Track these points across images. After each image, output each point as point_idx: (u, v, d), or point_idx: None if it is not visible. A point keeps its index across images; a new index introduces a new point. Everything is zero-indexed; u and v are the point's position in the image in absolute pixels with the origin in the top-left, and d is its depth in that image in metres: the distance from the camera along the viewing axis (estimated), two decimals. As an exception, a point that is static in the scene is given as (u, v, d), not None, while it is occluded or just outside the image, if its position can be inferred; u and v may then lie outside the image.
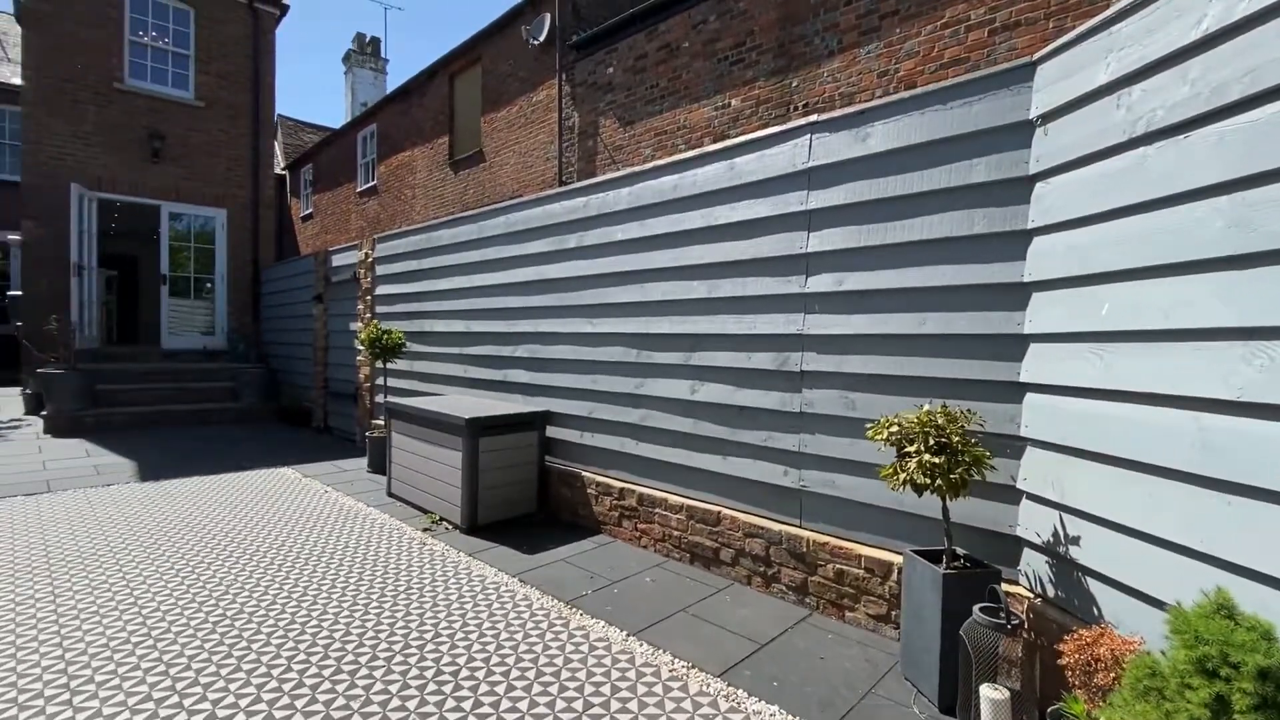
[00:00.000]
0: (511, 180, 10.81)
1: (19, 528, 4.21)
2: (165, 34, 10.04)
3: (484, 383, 5.45)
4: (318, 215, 18.33)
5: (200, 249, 10.55)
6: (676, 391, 3.84)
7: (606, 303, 4.31)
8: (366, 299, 7.24)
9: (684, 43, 7.92)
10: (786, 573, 3.31)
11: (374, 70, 20.93)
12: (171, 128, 10.03)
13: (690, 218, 3.77)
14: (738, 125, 7.32)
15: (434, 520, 4.49)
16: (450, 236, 5.88)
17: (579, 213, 4.52)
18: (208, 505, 4.84)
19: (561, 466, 4.65)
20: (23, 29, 9.19)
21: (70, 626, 2.85)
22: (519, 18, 10.30)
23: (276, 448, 7.31)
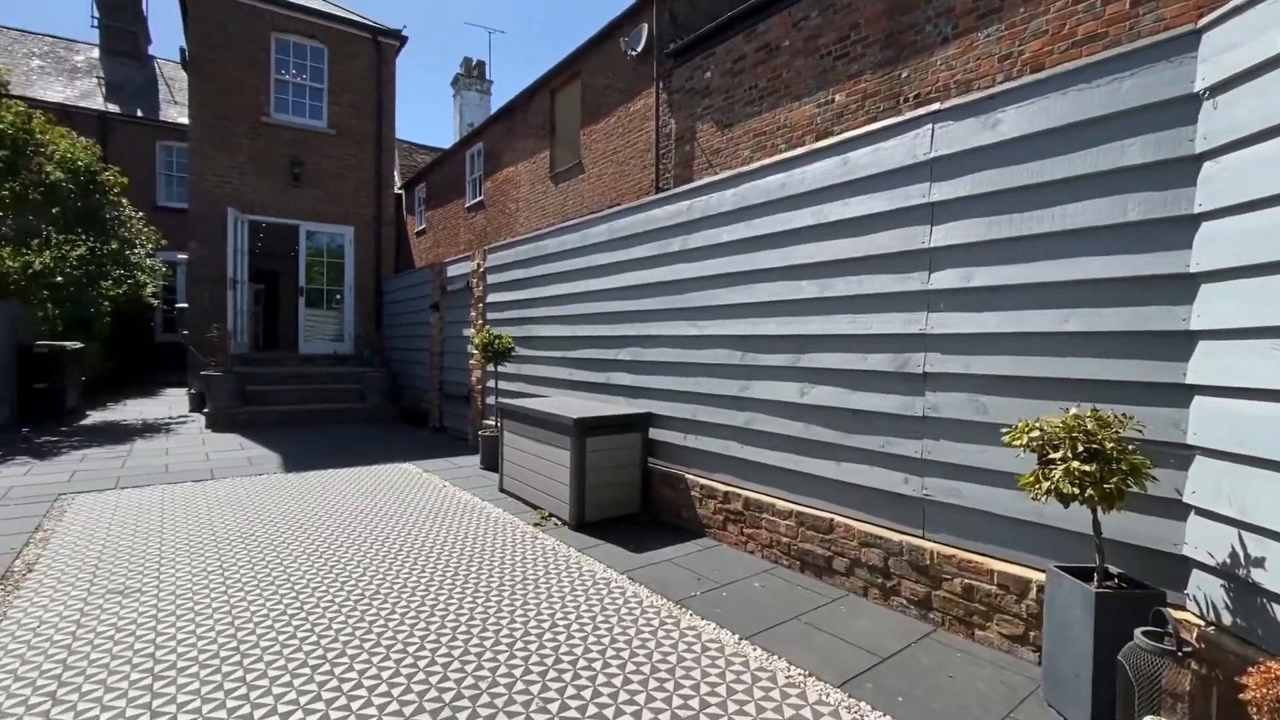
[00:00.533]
0: (609, 189, 11.06)
1: (192, 510, 4.81)
2: (304, 71, 11.18)
3: (587, 385, 5.60)
4: (430, 230, 19.63)
5: (331, 263, 11.61)
6: (784, 394, 3.76)
7: (711, 305, 4.31)
8: (478, 306, 7.66)
9: (784, 41, 7.79)
10: (907, 585, 3.14)
11: (479, 92, 22.18)
12: (309, 155, 11.13)
13: (799, 216, 3.69)
14: (842, 121, 7.10)
15: (543, 516, 4.66)
16: (556, 245, 6.11)
17: (682, 216, 4.55)
18: (344, 495, 5.29)
19: (664, 468, 4.68)
20: (189, 75, 10.55)
21: (237, 597, 3.21)
22: (617, 30, 10.56)
23: (398, 445, 7.88)
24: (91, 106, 16.41)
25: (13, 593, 3.25)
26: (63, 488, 5.41)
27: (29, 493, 5.21)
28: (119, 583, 3.37)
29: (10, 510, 4.71)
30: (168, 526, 4.37)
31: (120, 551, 3.85)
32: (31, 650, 2.65)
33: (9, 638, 2.75)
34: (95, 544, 3.98)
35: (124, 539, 4.09)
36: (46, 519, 4.52)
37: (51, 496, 5.12)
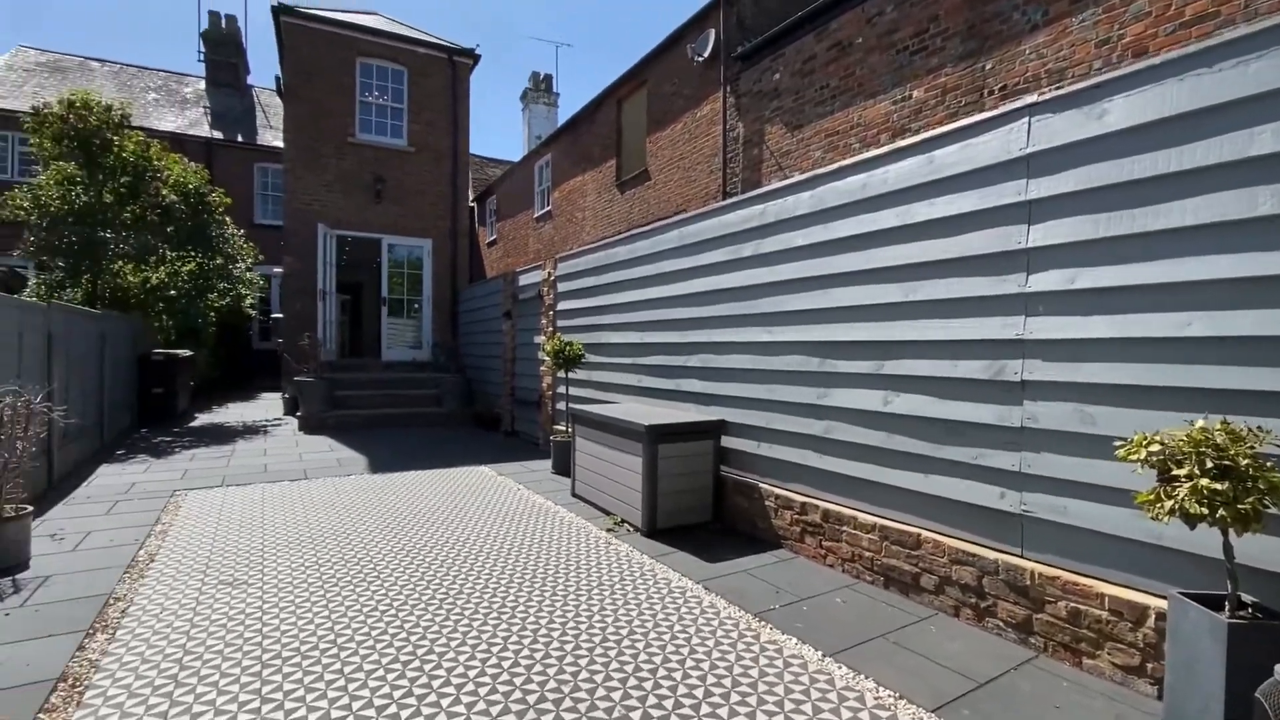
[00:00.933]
0: (675, 195, 11.08)
1: (289, 508, 5.12)
2: (385, 92, 11.80)
3: (657, 392, 5.61)
4: (500, 241, 20.27)
5: (410, 275, 12.17)
6: (866, 403, 3.63)
7: (785, 310, 4.22)
8: (549, 314, 7.83)
9: (857, 38, 7.58)
10: (1004, 607, 2.95)
11: (547, 105, 22.75)
12: (390, 172, 11.72)
13: (881, 218, 3.56)
14: (920, 118, 6.82)
15: (616, 522, 4.68)
16: (626, 252, 6.16)
17: (755, 220, 4.49)
18: (426, 496, 5.51)
19: (737, 477, 4.61)
20: (284, 102, 11.35)
21: (333, 592, 3.39)
22: (683, 38, 10.59)
23: (473, 448, 8.14)
24: (199, 134, 17.93)
25: (139, 580, 3.55)
26: (177, 484, 5.89)
27: (149, 489, 5.70)
28: (229, 575, 3.63)
29: (133, 505, 5.16)
30: (268, 523, 4.67)
31: (228, 545, 4.15)
32: (155, 635, 2.88)
33: (135, 622, 3.01)
34: (206, 538, 4.31)
35: (231, 534, 4.40)
36: (164, 513, 4.93)
37: (167, 492, 5.59)
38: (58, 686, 2.45)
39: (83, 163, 9.18)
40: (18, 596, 3.32)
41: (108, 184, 9.30)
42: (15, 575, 3.60)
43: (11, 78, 17.82)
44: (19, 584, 3.49)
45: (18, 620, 3.02)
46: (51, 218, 8.77)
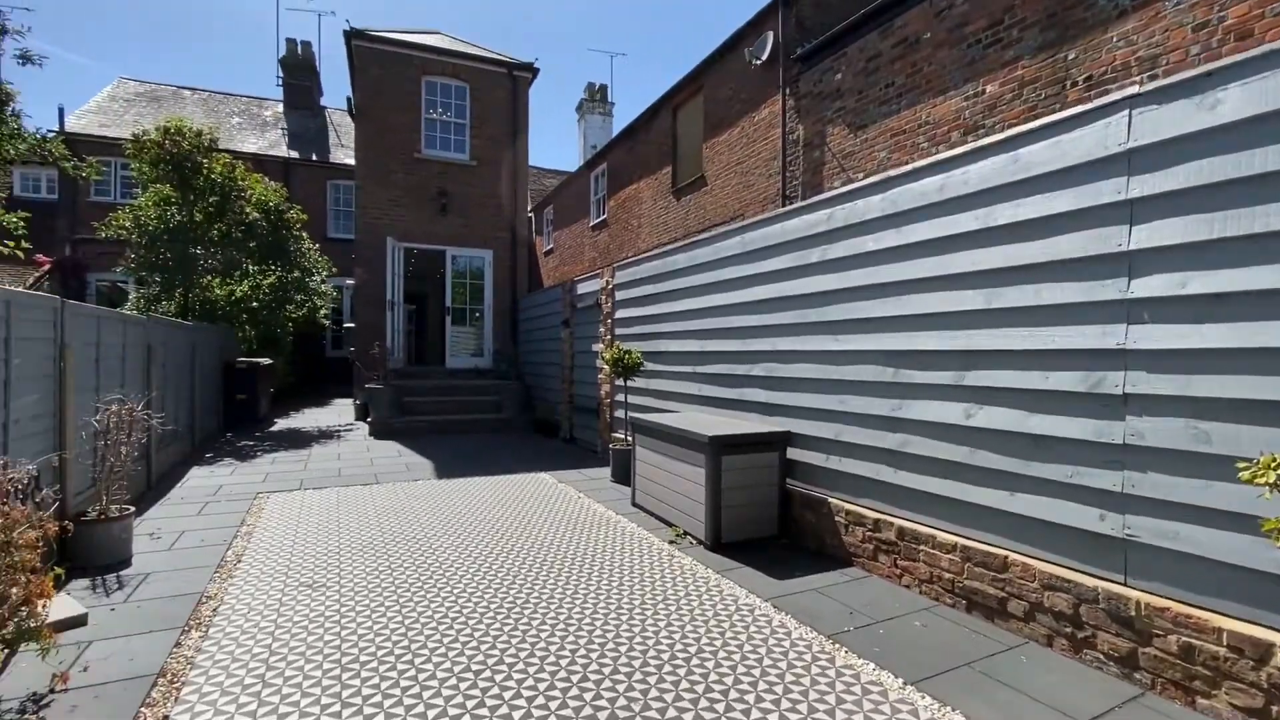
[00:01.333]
0: (732, 200, 10.96)
1: (362, 512, 5.31)
2: (449, 109, 12.19)
3: (718, 401, 5.52)
4: (557, 250, 20.59)
5: (472, 284, 12.50)
6: (945, 415, 3.45)
7: (855, 318, 4.07)
8: (607, 322, 7.86)
9: (925, 34, 7.30)
10: (1105, 638, 2.73)
11: (602, 115, 23.02)
12: (453, 185, 12.09)
13: (960, 220, 3.39)
14: (995, 114, 6.50)
15: (678, 534, 4.63)
16: (686, 260, 6.12)
17: (822, 225, 4.36)
18: (490, 503, 5.60)
19: (804, 490, 4.48)
20: (355, 122, 11.88)
21: (405, 598, 3.47)
22: (740, 41, 10.48)
23: (533, 455, 8.25)
24: (277, 154, 19.03)
25: (228, 580, 3.74)
26: (259, 487, 6.21)
27: (234, 491, 6.03)
28: (309, 577, 3.78)
29: (221, 506, 5.47)
30: (343, 526, 4.85)
31: (307, 548, 4.33)
32: (244, 635, 3.02)
33: (225, 621, 3.16)
34: (287, 540, 4.51)
35: (309, 536, 4.59)
36: (249, 515, 5.20)
37: (251, 495, 5.89)
38: (158, 682, 2.59)
39: (176, 184, 9.88)
40: (122, 592, 3.55)
41: (198, 203, 9.99)
42: (120, 572, 3.86)
43: (114, 108, 19.42)
44: (123, 580, 3.73)
45: (123, 615, 3.23)
46: (150, 236, 9.48)
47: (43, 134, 7.27)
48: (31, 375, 3.72)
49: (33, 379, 3.74)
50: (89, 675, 2.63)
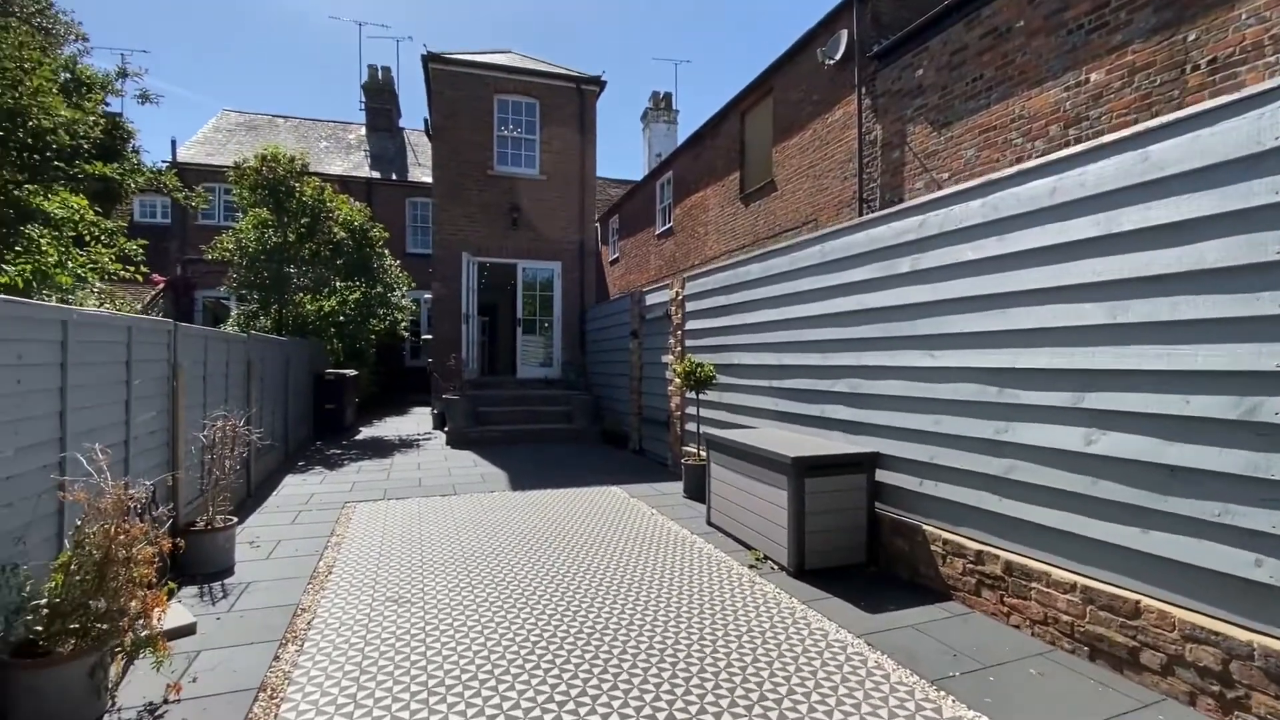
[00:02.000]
0: (805, 205, 10.64)
1: (442, 524, 5.42)
2: (519, 125, 12.48)
3: (796, 417, 5.30)
4: (623, 259, 20.71)
5: (541, 296, 12.71)
6: (1060, 440, 3.14)
7: (950, 333, 3.79)
8: (677, 334, 7.76)
9: (1017, 22, 6.82)
10: (1262, 700, 2.37)
11: (667, 122, 23.01)
12: (523, 200, 12.36)
13: (1076, 226, 3.08)
14: (1101, 103, 5.97)
15: (758, 558, 4.45)
16: (760, 270, 5.94)
17: (912, 233, 4.10)
18: (563, 518, 5.60)
19: (895, 515, 4.21)
20: (432, 142, 12.35)
21: (486, 617, 3.48)
22: (812, 42, 10.18)
23: (603, 467, 8.24)
24: (361, 175, 20.11)
25: (319, 592, 3.88)
26: (346, 496, 6.48)
27: (324, 500, 6.31)
28: (394, 591, 3.86)
29: (313, 515, 5.72)
30: (425, 538, 4.96)
31: (392, 560, 4.44)
32: (335, 650, 3.09)
33: (319, 635, 3.26)
34: (373, 552, 4.64)
35: (393, 548, 4.71)
36: (337, 525, 5.41)
37: (339, 504, 6.14)
38: (258, 696, 2.68)
39: (272, 208, 10.56)
40: (226, 601, 3.74)
41: (291, 225, 10.63)
42: (224, 580, 4.08)
43: (217, 138, 21.09)
44: (227, 588, 3.94)
45: (227, 625, 3.39)
46: (249, 257, 10.15)
47: (158, 167, 7.96)
48: (149, 394, 4.00)
49: (150, 397, 4.02)
50: (197, 686, 2.75)
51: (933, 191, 7.84)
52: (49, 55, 5.98)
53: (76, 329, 3.06)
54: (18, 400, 2.63)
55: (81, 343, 3.12)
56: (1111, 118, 5.90)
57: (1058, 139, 6.38)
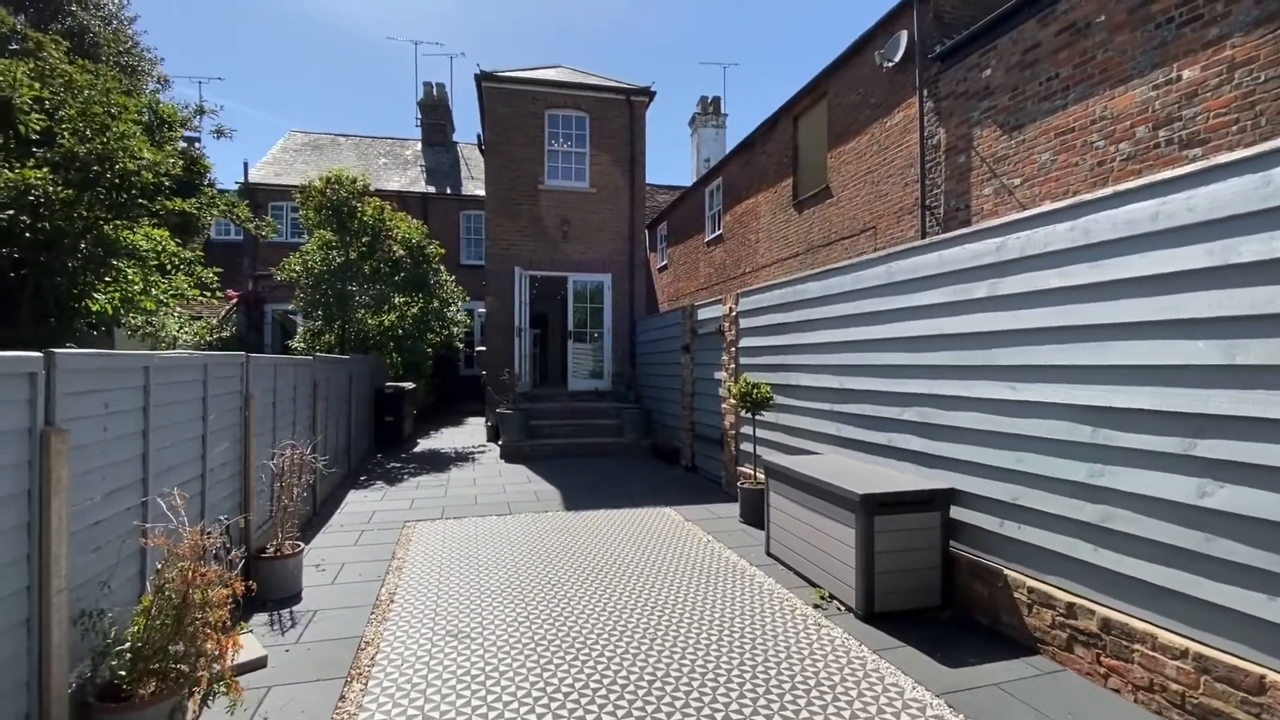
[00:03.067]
0: (863, 211, 10.29)
1: (499, 549, 5.43)
2: (569, 139, 12.56)
3: (861, 444, 5.07)
4: (671, 266, 20.61)
5: (591, 308, 12.74)
6: (1168, 490, 2.85)
7: (1035, 364, 3.53)
8: (731, 350, 7.60)
9: (1097, 17, 6.37)
10: None
11: (716, 127, 22.79)
12: (573, 213, 12.42)
13: (1184, 255, 2.79)
14: (1196, 102, 5.50)
15: (822, 596, 4.26)
16: (819, 289, 5.73)
17: (990, 256, 3.84)
18: (616, 543, 5.53)
19: (972, 556, 3.95)
20: (484, 158, 12.56)
21: (545, 658, 3.43)
22: (869, 44, 9.84)
23: (655, 485, 8.15)
24: (417, 189, 20.72)
25: (382, 623, 3.92)
26: (406, 515, 6.61)
27: (385, 519, 6.45)
28: (454, 624, 3.87)
29: (375, 535, 5.85)
30: (482, 564, 4.98)
31: (451, 588, 4.46)
32: (399, 691, 3.10)
33: (382, 673, 3.28)
34: (432, 578, 4.68)
35: (452, 575, 4.74)
36: (398, 546, 5.51)
37: (399, 523, 6.27)
38: (326, 742, 2.70)
39: (335, 228, 10.95)
40: (294, 631, 3.82)
41: (353, 243, 11.01)
42: (293, 607, 4.18)
43: (285, 158, 22.12)
44: (295, 617, 4.03)
45: (296, 659, 3.46)
46: (315, 277, 10.56)
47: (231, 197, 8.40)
48: (223, 426, 4.14)
49: (224, 429, 4.17)
50: (268, 728, 2.80)
51: (1003, 197, 7.43)
52: (134, 95, 6.35)
53: (157, 372, 3.18)
54: (104, 447, 2.73)
55: (161, 385, 3.24)
56: (1208, 117, 5.43)
57: (1146, 141, 5.92)
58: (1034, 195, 7.11)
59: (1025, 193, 7.23)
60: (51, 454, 2.32)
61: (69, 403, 2.46)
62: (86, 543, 2.59)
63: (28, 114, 4.78)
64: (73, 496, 2.45)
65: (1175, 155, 5.66)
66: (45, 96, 5.25)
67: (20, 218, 5.22)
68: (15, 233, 5.36)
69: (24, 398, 2.25)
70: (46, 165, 5.00)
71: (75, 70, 5.36)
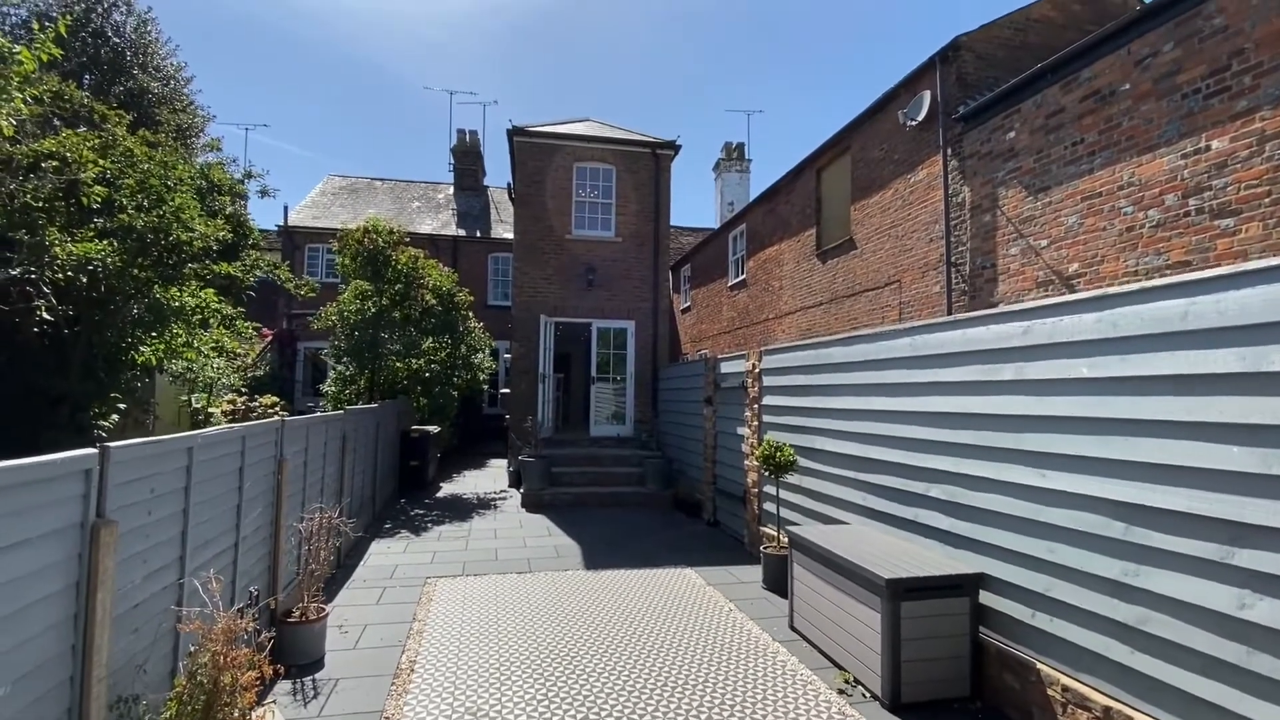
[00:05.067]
0: (887, 265, 10.31)
1: (517, 613, 5.42)
2: (596, 190, 12.89)
3: (887, 517, 5.00)
4: (694, 308, 20.76)
5: (615, 354, 12.86)
6: (1205, 598, 2.76)
7: (1063, 453, 3.47)
8: (754, 407, 7.59)
9: (1122, 85, 6.42)
10: None
11: (739, 171, 23.19)
12: (599, 261, 12.66)
13: (1215, 358, 2.76)
14: (1226, 172, 5.47)
15: (847, 680, 4.16)
16: (843, 355, 5.74)
17: (1015, 339, 3.83)
18: (637, 610, 5.48)
19: (1003, 646, 3.83)
20: (514, 207, 12.94)
21: (564, 744, 3.40)
22: (892, 101, 10.01)
23: (677, 542, 8.07)
24: (448, 233, 21.34)
25: (402, 696, 3.93)
26: (427, 570, 6.65)
27: (407, 574, 6.50)
28: (473, 702, 3.86)
29: (397, 594, 5.89)
30: (503, 630, 4.97)
31: (471, 660, 4.45)
32: (418, 778, 3.10)
33: (403, 756, 3.28)
34: (452, 645, 4.68)
35: (472, 642, 4.74)
36: (419, 606, 5.53)
37: (421, 579, 6.30)
38: (344, 834, 2.70)
39: (370, 276, 11.32)
40: (317, 703, 3.85)
41: (386, 290, 11.35)
42: (315, 674, 4.22)
43: (323, 201, 23.02)
44: (318, 686, 4.07)
45: (316, 736, 3.48)
46: (350, 326, 10.88)
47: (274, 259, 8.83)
48: (257, 493, 4.27)
49: (257, 496, 4.29)
50: (288, 816, 2.81)
51: (1029, 258, 7.41)
52: (188, 154, 6.74)
53: (200, 451, 3.31)
54: (147, 530, 2.84)
55: (203, 462, 3.37)
56: (1239, 188, 5.40)
57: (1176, 209, 5.89)
58: (1061, 257, 7.07)
59: (1052, 254, 7.20)
60: (100, 546, 2.43)
61: (118, 492, 2.58)
62: (126, 626, 2.68)
63: (91, 187, 5.12)
64: (116, 582, 2.55)
65: (1207, 225, 5.61)
66: (107, 167, 5.62)
67: (78, 278, 5.54)
68: (71, 291, 5.69)
69: (78, 493, 2.37)
70: (105, 236, 5.35)
71: (135, 143, 5.74)
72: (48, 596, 2.22)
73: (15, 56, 4.18)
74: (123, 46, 11.35)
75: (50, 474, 2.20)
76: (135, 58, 11.55)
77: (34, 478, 2.11)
